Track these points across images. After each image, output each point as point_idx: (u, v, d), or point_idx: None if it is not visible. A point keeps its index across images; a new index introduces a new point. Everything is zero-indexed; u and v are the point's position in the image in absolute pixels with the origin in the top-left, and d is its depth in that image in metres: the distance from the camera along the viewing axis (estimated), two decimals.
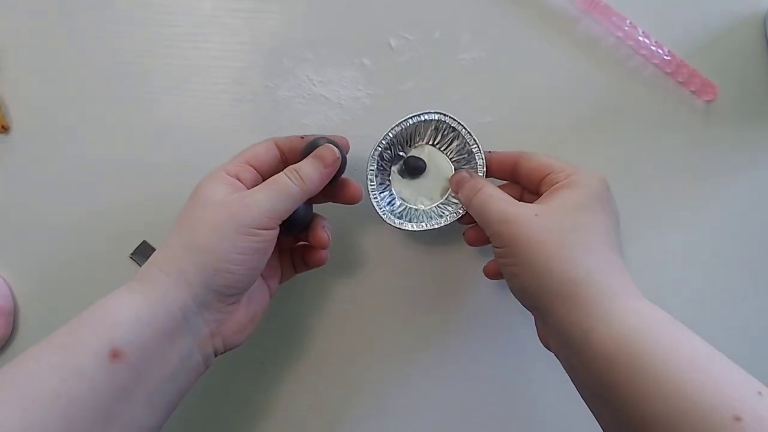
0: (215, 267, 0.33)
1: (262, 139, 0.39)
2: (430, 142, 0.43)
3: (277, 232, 0.35)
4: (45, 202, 0.46)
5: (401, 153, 0.43)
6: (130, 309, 0.32)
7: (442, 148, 0.43)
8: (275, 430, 0.46)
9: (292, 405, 0.46)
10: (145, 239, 0.46)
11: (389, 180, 0.43)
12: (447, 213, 0.41)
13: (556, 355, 0.35)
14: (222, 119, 0.46)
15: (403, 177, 0.43)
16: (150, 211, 0.46)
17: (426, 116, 0.41)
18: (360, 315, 0.46)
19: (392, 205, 0.43)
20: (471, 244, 0.41)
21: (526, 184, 0.40)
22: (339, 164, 0.38)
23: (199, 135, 0.46)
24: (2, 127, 0.46)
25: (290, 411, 0.46)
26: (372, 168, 0.42)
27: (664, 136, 0.44)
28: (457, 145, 0.42)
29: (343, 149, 0.39)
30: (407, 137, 0.42)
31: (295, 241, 0.42)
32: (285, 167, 0.37)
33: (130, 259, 0.45)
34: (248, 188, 0.36)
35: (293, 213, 0.36)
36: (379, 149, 0.41)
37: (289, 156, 0.39)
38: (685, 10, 0.44)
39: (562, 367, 0.34)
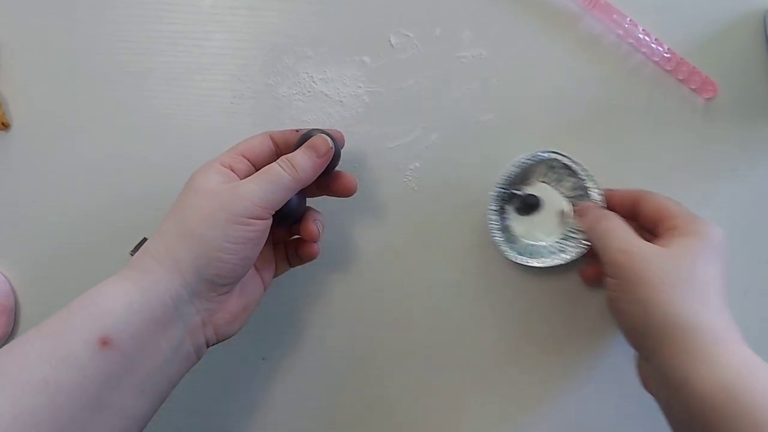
0: (208, 255, 0.33)
1: (252, 135, 0.39)
2: (544, 180, 0.44)
3: (269, 222, 0.35)
4: (46, 199, 0.46)
5: (516, 191, 0.43)
6: (121, 297, 0.32)
7: (555, 185, 0.44)
8: (274, 425, 0.46)
9: (291, 400, 0.46)
10: (146, 236, 0.46)
11: (504, 217, 0.44)
12: (569, 247, 0.42)
13: (652, 394, 0.36)
14: (222, 117, 0.46)
15: (519, 214, 0.44)
16: (150, 207, 0.46)
17: (540, 156, 0.42)
18: (361, 310, 0.46)
19: (513, 243, 0.43)
20: (587, 281, 0.43)
21: (643, 223, 0.40)
22: (332, 154, 0.38)
23: (200, 132, 0.46)
24: (2, 124, 0.46)
25: (290, 406, 0.46)
26: (492, 208, 0.42)
27: (665, 133, 0.44)
28: (571, 182, 0.43)
29: (337, 141, 0.39)
30: (522, 176, 0.43)
31: (288, 234, 0.42)
32: None
33: (131, 256, 0.45)
34: (242, 179, 0.36)
35: (286, 204, 0.36)
36: (499, 189, 0.42)
37: (283, 149, 0.39)
38: (685, 8, 0.44)
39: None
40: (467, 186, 0.45)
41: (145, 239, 0.46)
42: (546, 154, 0.42)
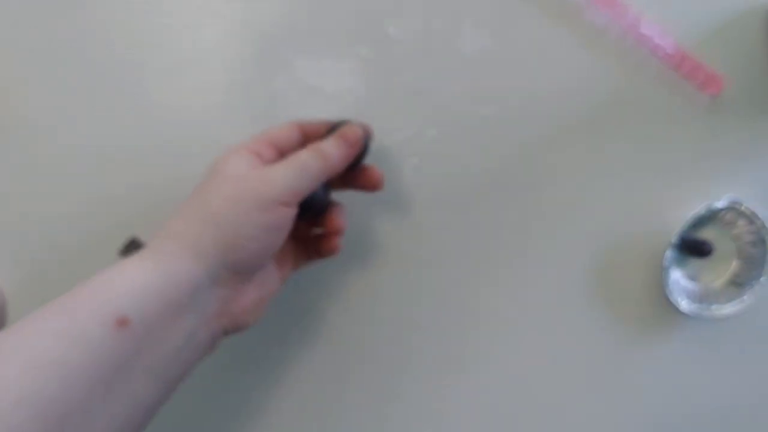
0: (231, 241, 0.33)
1: (280, 123, 0.39)
2: (715, 222, 0.43)
3: (295, 211, 0.35)
4: (32, 196, 0.45)
5: (685, 236, 0.42)
6: (138, 277, 0.31)
7: (728, 230, 0.43)
8: (279, 424, 0.46)
9: (294, 400, 0.46)
10: (135, 234, 0.45)
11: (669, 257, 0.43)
12: (741, 293, 0.42)
13: None
14: (215, 111, 0.45)
15: (682, 254, 0.43)
16: (141, 204, 0.45)
17: (720, 203, 0.41)
18: (373, 311, 0.45)
19: (685, 290, 0.43)
20: None
21: None
22: (362, 145, 0.37)
23: (192, 127, 0.45)
24: None
25: (294, 406, 0.46)
26: (669, 255, 0.41)
27: (669, 129, 0.44)
28: (748, 232, 0.42)
29: (368, 134, 0.38)
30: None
31: (308, 229, 0.41)
32: None
33: (119, 256, 0.44)
34: None
35: (311, 195, 0.36)
36: (678, 237, 0.42)
37: (312, 139, 0.39)
38: (690, 1, 0.43)
39: None
40: (468, 182, 0.44)
41: (133, 239, 0.44)
42: (724, 203, 0.41)
